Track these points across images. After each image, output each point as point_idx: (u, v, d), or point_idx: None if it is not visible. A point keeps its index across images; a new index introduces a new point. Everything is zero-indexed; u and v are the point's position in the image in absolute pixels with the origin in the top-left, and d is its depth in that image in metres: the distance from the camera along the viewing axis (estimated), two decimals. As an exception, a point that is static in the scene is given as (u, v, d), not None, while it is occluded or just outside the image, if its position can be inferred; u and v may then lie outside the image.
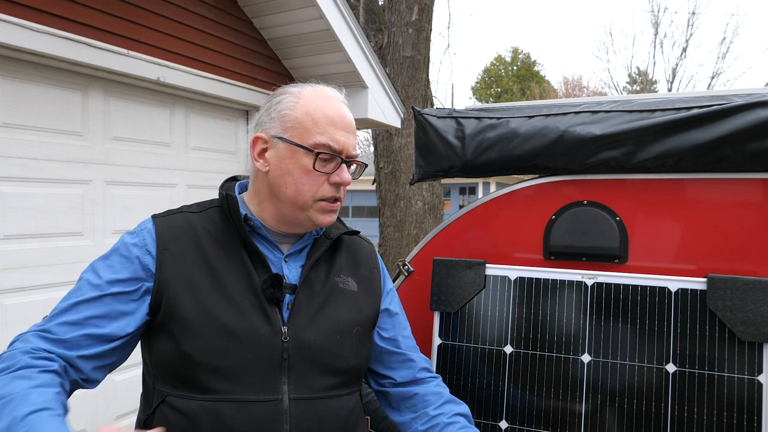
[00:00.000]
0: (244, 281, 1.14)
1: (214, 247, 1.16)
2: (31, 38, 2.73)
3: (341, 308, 1.22)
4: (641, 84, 27.78)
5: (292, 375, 1.12)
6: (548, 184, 1.63)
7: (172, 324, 1.10)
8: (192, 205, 1.25)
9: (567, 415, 1.42)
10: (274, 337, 1.12)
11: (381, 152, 7.24)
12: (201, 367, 1.07)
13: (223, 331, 1.09)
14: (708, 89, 7.20)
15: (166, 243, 1.14)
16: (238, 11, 4.10)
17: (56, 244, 3.01)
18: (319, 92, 1.19)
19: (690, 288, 1.39)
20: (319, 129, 1.15)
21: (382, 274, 1.38)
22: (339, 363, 1.18)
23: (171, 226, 1.17)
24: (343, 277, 1.27)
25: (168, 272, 1.11)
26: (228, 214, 1.19)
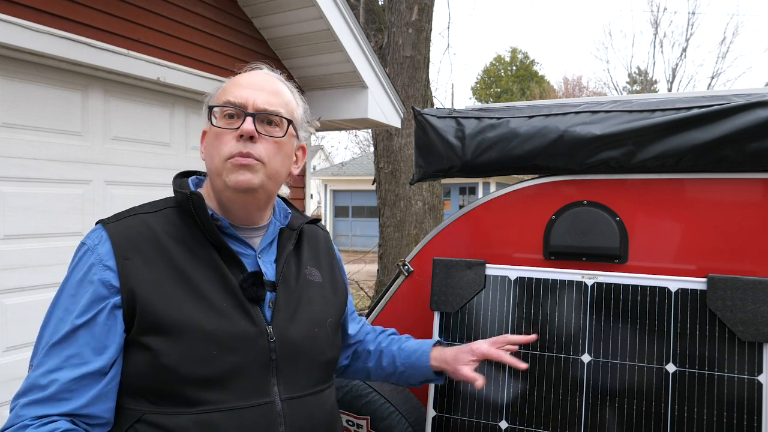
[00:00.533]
0: (219, 283, 1.07)
1: (179, 249, 1.08)
2: (31, 38, 2.73)
3: (314, 301, 1.21)
4: (641, 84, 27.77)
5: (281, 375, 1.09)
6: (548, 184, 1.63)
7: (147, 336, 1.01)
8: (143, 206, 1.15)
9: (567, 415, 1.42)
10: (260, 337, 1.07)
11: (381, 152, 7.24)
12: (185, 379, 1.00)
13: (206, 337, 1.02)
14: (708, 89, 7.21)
15: (125, 252, 1.04)
16: (238, 11, 4.10)
17: (56, 244, 3.01)
18: (244, 71, 1.19)
19: (690, 288, 1.39)
20: (224, 93, 1.14)
21: (339, 261, 1.40)
22: (320, 357, 1.18)
23: (127, 232, 1.07)
24: (310, 269, 1.25)
25: (134, 283, 1.02)
26: (192, 214, 1.10)
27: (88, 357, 1.00)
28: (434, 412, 1.55)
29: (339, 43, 4.19)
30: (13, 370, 2.83)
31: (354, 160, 23.66)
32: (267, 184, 1.12)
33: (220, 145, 1.09)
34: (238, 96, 1.11)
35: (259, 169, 1.09)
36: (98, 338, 1.01)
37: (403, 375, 1.42)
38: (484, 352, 1.35)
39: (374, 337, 1.48)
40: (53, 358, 0.99)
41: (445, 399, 1.55)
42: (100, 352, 1.00)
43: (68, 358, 0.99)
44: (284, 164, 1.16)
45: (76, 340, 1.00)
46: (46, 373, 0.98)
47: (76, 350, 1.00)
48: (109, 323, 1.01)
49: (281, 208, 1.28)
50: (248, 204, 1.14)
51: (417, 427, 1.61)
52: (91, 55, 3.01)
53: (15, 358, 2.84)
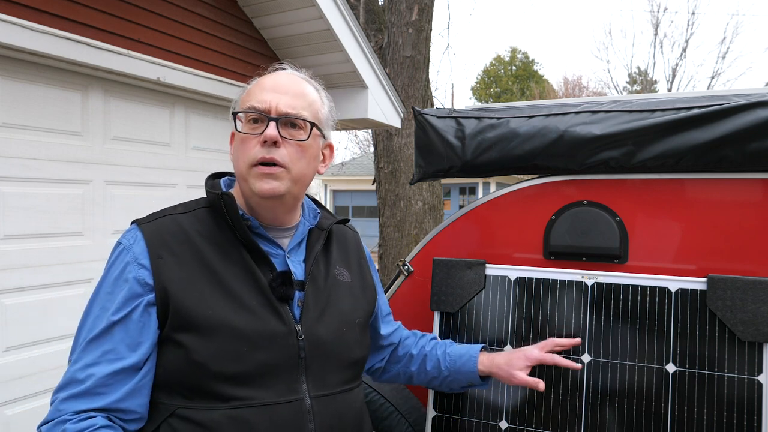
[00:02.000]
0: (249, 282, 1.10)
1: (210, 249, 1.11)
2: (31, 38, 2.73)
3: (343, 301, 1.22)
4: (641, 84, 27.77)
5: (309, 373, 1.11)
6: (548, 184, 1.63)
7: (180, 333, 1.05)
8: (177, 207, 1.19)
9: (567, 415, 1.42)
10: (289, 336, 1.09)
11: (381, 152, 7.24)
12: (216, 375, 1.03)
13: (236, 335, 1.05)
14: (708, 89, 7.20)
15: (159, 251, 1.08)
16: (238, 11, 4.10)
17: (56, 244, 3.01)
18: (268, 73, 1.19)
19: (690, 288, 1.39)
20: (248, 97, 1.14)
21: (369, 261, 1.40)
22: (349, 356, 1.19)
23: (160, 232, 1.11)
24: (338, 269, 1.26)
25: (167, 281, 1.06)
26: (224, 214, 1.13)
27: (123, 353, 1.03)
28: (434, 412, 1.55)
29: (339, 43, 4.19)
30: (13, 370, 2.82)
31: (354, 160, 23.67)
32: (293, 189, 1.14)
33: (246, 149, 1.11)
34: (261, 100, 1.11)
35: (284, 175, 1.11)
36: (132, 335, 1.04)
37: (446, 379, 1.43)
38: (539, 358, 1.38)
39: (415, 341, 1.48)
40: (90, 354, 1.03)
41: (445, 399, 1.55)
42: (134, 348, 1.04)
43: (104, 354, 1.03)
44: (310, 166, 1.17)
45: (111, 336, 1.04)
46: (84, 368, 1.02)
47: (112, 346, 1.03)
48: (143, 320, 1.05)
49: (310, 208, 1.29)
50: (275, 208, 1.16)
51: (417, 427, 1.61)
52: (91, 55, 3.01)
53: (15, 358, 2.84)
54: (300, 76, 1.20)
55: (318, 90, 1.22)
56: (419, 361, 1.45)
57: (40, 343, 2.94)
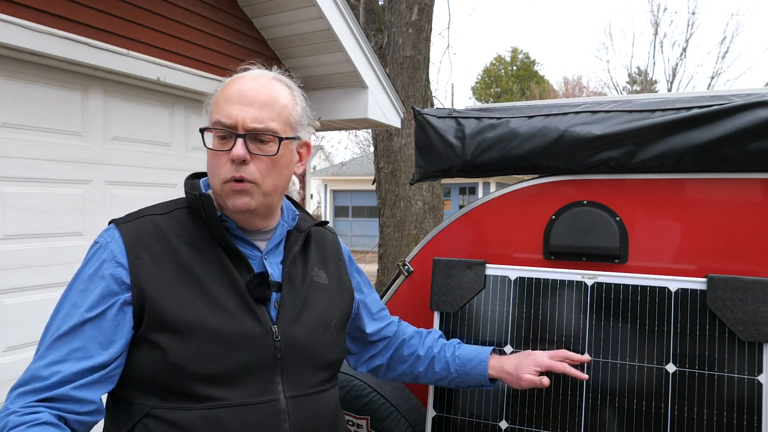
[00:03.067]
0: (226, 283, 1.10)
1: (188, 250, 1.11)
2: (31, 38, 2.73)
3: (319, 302, 1.22)
4: (641, 84, 27.78)
5: (285, 373, 1.11)
6: (548, 184, 1.63)
7: (156, 334, 1.04)
8: (155, 207, 1.18)
9: (567, 415, 1.42)
10: (265, 337, 1.10)
11: (381, 152, 7.24)
12: (193, 376, 1.03)
13: (213, 336, 1.05)
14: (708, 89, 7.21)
15: (137, 251, 1.07)
16: (238, 11, 4.10)
17: (56, 244, 3.01)
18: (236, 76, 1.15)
19: (690, 288, 1.39)
20: (216, 109, 1.12)
21: (347, 263, 1.40)
22: (324, 357, 1.19)
23: (138, 232, 1.10)
24: (316, 271, 1.26)
25: (144, 281, 1.05)
26: (201, 215, 1.12)
27: (93, 351, 1.01)
28: (434, 412, 1.55)
29: (339, 43, 4.19)
30: (13, 370, 2.83)
31: (354, 160, 23.67)
32: (265, 201, 1.13)
33: (217, 166, 1.11)
34: (228, 115, 1.09)
35: (255, 190, 1.10)
36: (105, 333, 1.02)
37: (454, 380, 1.44)
38: (549, 365, 1.38)
39: (420, 341, 1.47)
40: (57, 351, 1.00)
41: (445, 399, 1.55)
42: (106, 347, 1.02)
43: (73, 351, 1.00)
44: (282, 176, 1.16)
45: (82, 333, 1.01)
46: (49, 365, 0.99)
47: (82, 343, 1.01)
48: (118, 319, 1.03)
49: (289, 210, 1.29)
50: (250, 218, 1.17)
51: (417, 427, 1.61)
52: (91, 55, 3.01)
53: (15, 358, 2.84)
54: (269, 77, 1.16)
55: (290, 88, 1.18)
56: (427, 362, 1.44)
57: (40, 343, 2.95)
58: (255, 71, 1.17)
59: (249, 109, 1.09)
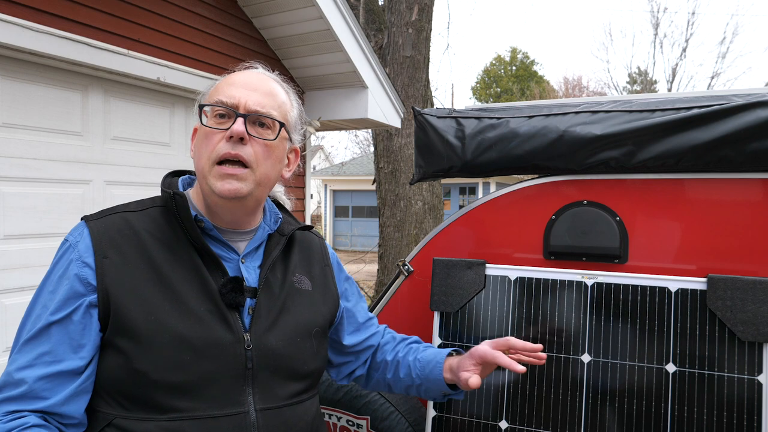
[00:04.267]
0: (198, 287, 1.04)
1: (160, 250, 1.05)
2: (31, 38, 2.73)
3: (299, 310, 1.16)
4: (641, 84, 27.78)
5: (257, 384, 1.05)
6: (548, 184, 1.63)
7: (120, 339, 0.99)
8: (130, 204, 1.13)
9: (567, 415, 1.42)
10: (236, 345, 1.04)
11: (381, 152, 7.24)
12: (157, 384, 0.97)
13: (179, 342, 0.99)
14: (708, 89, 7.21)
15: (105, 250, 1.02)
16: (238, 11, 4.10)
17: (56, 245, 2.99)
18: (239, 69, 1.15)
19: (690, 288, 1.39)
20: (217, 91, 1.10)
21: (335, 269, 1.33)
22: (301, 367, 1.13)
23: (108, 230, 1.05)
24: (298, 276, 1.20)
25: (111, 282, 1.00)
26: (175, 214, 1.07)
27: (62, 355, 0.98)
28: (434, 412, 1.55)
29: (339, 43, 4.19)
30: (13, 370, 2.83)
31: (354, 160, 23.67)
32: (256, 191, 1.08)
33: (209, 144, 1.06)
34: (230, 95, 1.07)
35: (248, 176, 1.06)
36: (74, 337, 0.99)
37: (420, 388, 1.32)
38: (482, 355, 1.21)
39: (393, 346, 1.38)
40: (26, 355, 0.97)
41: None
42: (76, 351, 0.99)
43: (40, 356, 0.97)
44: (275, 168, 1.12)
45: (49, 337, 0.98)
46: (19, 370, 0.96)
47: (50, 347, 0.98)
48: (85, 321, 0.99)
49: (273, 212, 1.23)
50: (235, 210, 1.11)
51: (417, 427, 1.61)
52: (91, 55, 3.01)
53: (15, 358, 2.84)
54: (271, 77, 1.16)
55: (288, 92, 1.18)
56: (393, 367, 1.35)
57: (40, 343, 2.95)
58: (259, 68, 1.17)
59: (252, 94, 1.08)
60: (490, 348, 1.22)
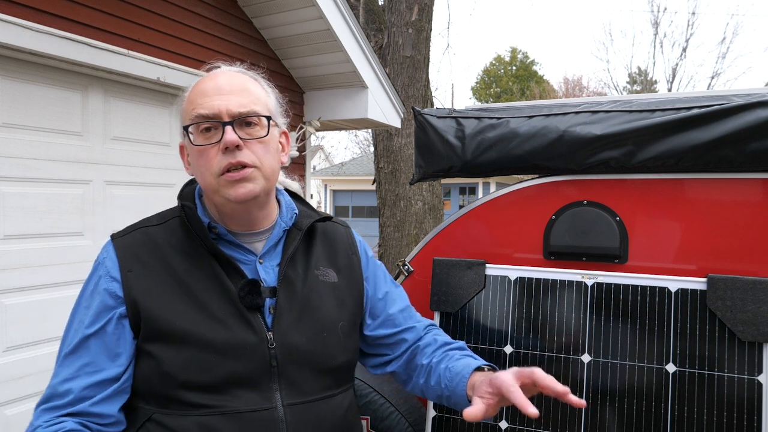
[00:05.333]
0: (218, 291, 1.08)
1: (181, 259, 1.10)
2: (31, 38, 2.73)
3: (324, 304, 1.17)
4: (641, 84, 27.78)
5: (282, 381, 1.08)
6: (548, 184, 1.63)
7: (151, 344, 1.06)
8: (152, 218, 1.18)
9: (567, 415, 1.42)
10: (260, 345, 1.07)
11: (381, 152, 7.24)
12: (185, 385, 1.03)
13: (204, 346, 1.04)
14: (708, 89, 7.21)
15: (129, 264, 1.09)
16: (238, 11, 4.10)
17: (56, 244, 3.01)
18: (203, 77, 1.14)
19: (690, 288, 1.39)
20: (191, 106, 1.09)
21: (362, 257, 1.31)
22: (329, 362, 1.14)
23: (132, 245, 1.11)
24: (322, 269, 1.20)
25: (137, 294, 1.06)
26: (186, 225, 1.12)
27: (102, 365, 1.05)
28: (434, 412, 1.55)
29: (339, 43, 4.19)
30: (13, 370, 2.83)
31: (354, 160, 23.67)
32: (266, 186, 1.11)
33: (208, 162, 1.07)
34: (208, 107, 1.06)
35: (256, 174, 1.08)
36: (110, 347, 1.06)
37: (450, 400, 1.21)
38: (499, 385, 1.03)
39: (433, 350, 1.29)
40: (68, 368, 1.05)
41: (445, 399, 1.55)
42: (114, 359, 1.06)
43: (82, 367, 1.05)
44: (275, 159, 1.13)
45: (88, 349, 1.06)
46: (63, 382, 1.04)
47: (90, 359, 1.05)
48: (118, 332, 1.06)
49: (289, 207, 1.23)
50: (250, 210, 1.13)
51: (417, 427, 1.61)
52: (91, 55, 3.01)
53: (15, 358, 2.84)
54: (238, 71, 1.15)
55: (258, 80, 1.17)
56: (426, 373, 1.26)
57: (40, 343, 2.95)
58: (222, 67, 1.16)
59: (229, 97, 1.07)
60: (511, 379, 1.03)
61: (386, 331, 1.32)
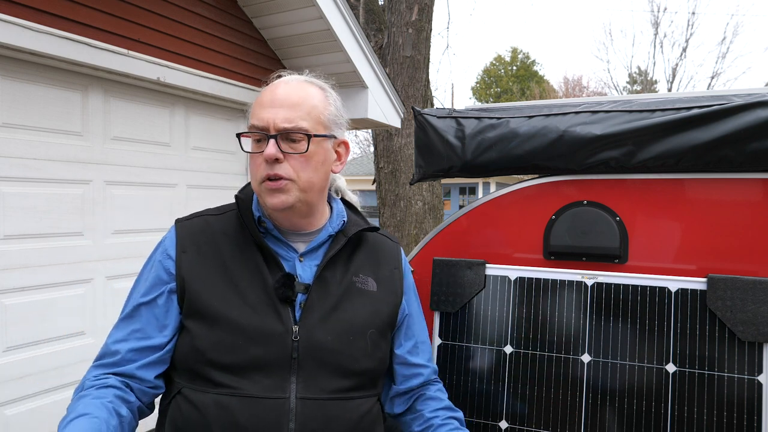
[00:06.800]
0: (257, 281, 1.16)
1: (231, 248, 1.20)
2: (31, 38, 2.73)
3: (357, 309, 1.21)
4: (641, 84, 27.79)
5: (301, 374, 1.13)
6: (548, 184, 1.63)
7: (189, 320, 1.15)
8: (214, 209, 1.29)
9: (567, 415, 1.42)
10: (285, 335, 1.13)
11: (381, 152, 7.24)
12: (212, 362, 1.11)
13: (234, 328, 1.12)
14: (708, 89, 7.21)
15: (185, 245, 1.19)
16: (238, 11, 4.10)
17: (56, 244, 3.01)
18: (270, 84, 1.21)
19: (690, 288, 1.39)
20: (251, 115, 1.19)
21: (404, 273, 1.35)
22: (351, 365, 1.17)
23: (191, 229, 1.22)
24: (362, 277, 1.25)
25: (185, 272, 1.16)
26: (239, 216, 1.22)
27: (151, 333, 1.16)
28: (434, 412, 1.55)
29: (339, 43, 4.19)
30: (13, 370, 2.83)
31: (354, 160, 23.66)
32: (303, 197, 1.17)
33: (255, 168, 1.17)
34: (260, 118, 1.15)
35: (291, 187, 1.15)
36: (159, 318, 1.16)
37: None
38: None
39: (436, 407, 1.31)
40: (121, 331, 1.17)
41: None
42: (161, 330, 1.16)
43: (133, 332, 1.16)
44: (317, 172, 1.18)
45: (140, 316, 1.17)
46: (115, 342, 1.15)
47: (140, 326, 1.16)
48: (168, 305, 1.17)
49: (339, 214, 1.30)
50: (290, 217, 1.20)
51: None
52: (91, 55, 3.01)
53: (15, 358, 2.84)
54: (301, 80, 1.21)
55: (323, 89, 1.23)
56: (423, 427, 1.28)
57: (40, 343, 2.95)
58: (287, 77, 1.22)
59: (279, 111, 1.14)
60: None
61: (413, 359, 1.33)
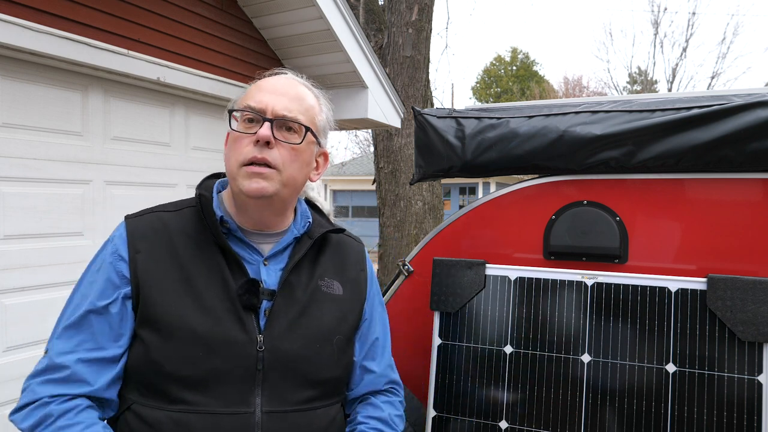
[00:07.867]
0: (218, 286, 1.08)
1: (189, 249, 1.10)
2: (31, 38, 2.73)
3: (323, 315, 1.15)
4: (641, 84, 27.78)
5: (265, 386, 1.06)
6: (548, 184, 1.63)
7: (143, 329, 1.05)
8: (168, 204, 1.19)
9: (567, 415, 1.42)
10: (249, 345, 1.05)
11: (381, 152, 7.24)
12: (169, 376, 1.02)
13: (193, 338, 1.03)
14: (708, 89, 7.21)
15: (138, 245, 1.09)
16: (238, 11, 4.10)
17: (56, 244, 3.01)
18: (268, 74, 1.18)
19: (690, 288, 1.39)
20: (246, 97, 1.13)
21: (369, 276, 1.31)
22: (317, 374, 1.12)
23: (143, 227, 1.12)
24: (327, 281, 1.20)
25: (141, 275, 1.06)
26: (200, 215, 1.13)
27: (104, 343, 1.05)
28: (434, 412, 1.55)
29: (339, 43, 4.19)
30: (13, 370, 2.83)
31: (354, 160, 23.66)
32: (282, 191, 1.11)
33: (238, 148, 1.09)
34: (258, 100, 1.10)
35: (274, 176, 1.08)
36: (113, 327, 1.05)
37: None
38: None
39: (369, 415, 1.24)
40: (67, 341, 1.04)
41: (445, 399, 1.55)
42: (116, 340, 1.06)
43: (81, 342, 1.04)
44: (301, 171, 1.14)
45: (90, 325, 1.05)
46: (60, 355, 1.03)
47: (91, 335, 1.05)
48: (122, 312, 1.06)
49: (304, 215, 1.24)
50: (263, 209, 1.13)
51: (417, 427, 1.61)
52: (91, 55, 3.01)
53: (15, 358, 2.84)
54: (300, 81, 1.19)
55: (318, 97, 1.20)
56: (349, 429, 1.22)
57: (40, 343, 2.94)
58: (289, 74, 1.20)
59: (281, 98, 1.11)
60: None
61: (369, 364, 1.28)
